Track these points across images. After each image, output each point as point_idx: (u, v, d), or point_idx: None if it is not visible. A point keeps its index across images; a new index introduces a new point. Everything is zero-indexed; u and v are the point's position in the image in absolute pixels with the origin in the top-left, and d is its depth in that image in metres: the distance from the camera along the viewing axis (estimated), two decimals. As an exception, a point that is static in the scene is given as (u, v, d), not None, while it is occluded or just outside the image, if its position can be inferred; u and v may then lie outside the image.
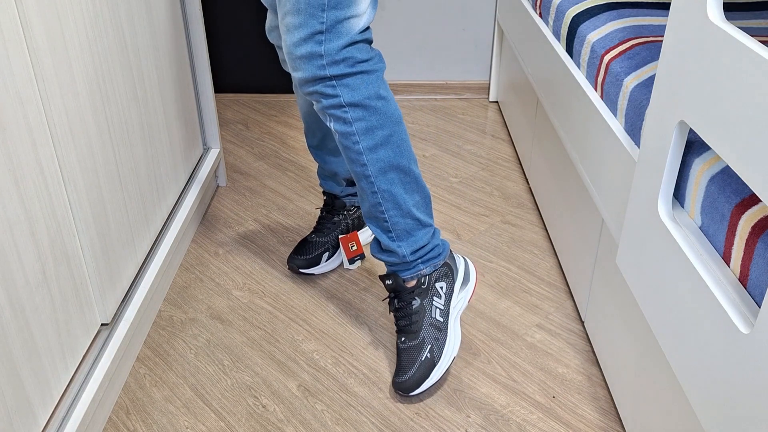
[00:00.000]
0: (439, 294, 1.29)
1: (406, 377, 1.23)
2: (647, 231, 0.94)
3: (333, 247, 1.58)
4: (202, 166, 1.78)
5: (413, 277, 1.27)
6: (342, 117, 1.13)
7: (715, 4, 0.77)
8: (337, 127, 1.14)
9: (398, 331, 1.28)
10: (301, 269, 1.55)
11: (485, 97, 2.56)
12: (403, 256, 1.25)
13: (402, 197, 1.21)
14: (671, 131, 0.86)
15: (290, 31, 1.09)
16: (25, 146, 0.96)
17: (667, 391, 0.98)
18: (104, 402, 1.19)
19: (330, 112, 1.13)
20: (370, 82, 1.13)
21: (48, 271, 1.03)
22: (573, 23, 1.47)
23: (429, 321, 1.27)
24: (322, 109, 1.14)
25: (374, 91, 1.14)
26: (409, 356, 1.24)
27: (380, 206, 1.21)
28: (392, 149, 1.17)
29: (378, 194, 1.20)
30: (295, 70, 1.11)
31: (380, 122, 1.15)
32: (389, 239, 1.24)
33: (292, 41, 1.09)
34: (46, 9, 1.00)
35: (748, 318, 0.72)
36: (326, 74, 1.10)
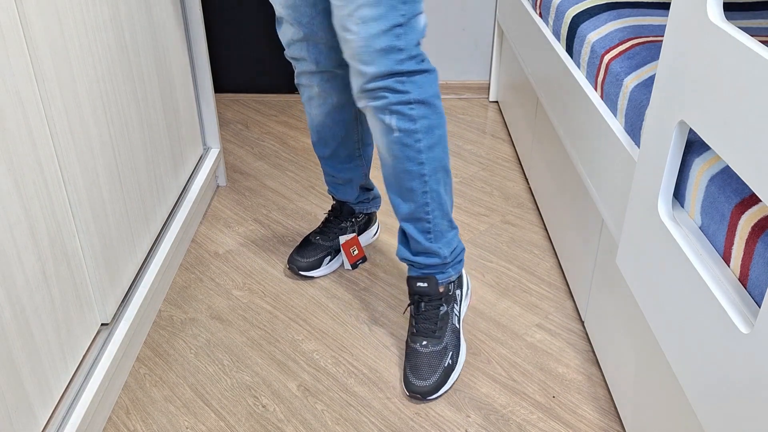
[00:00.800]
0: (457, 300, 1.31)
1: (427, 383, 1.22)
2: (647, 231, 0.94)
3: (335, 250, 1.58)
4: (202, 166, 1.78)
5: (443, 282, 1.28)
6: (408, 114, 1.11)
7: (715, 4, 0.77)
8: (401, 124, 1.12)
9: (417, 334, 1.27)
10: (301, 271, 1.54)
11: (485, 97, 2.56)
12: (444, 257, 1.25)
13: (444, 198, 1.21)
14: (671, 131, 0.86)
15: (366, 23, 1.05)
16: (25, 146, 0.96)
17: (667, 391, 0.98)
18: (104, 402, 1.19)
19: (396, 108, 1.11)
20: (433, 81, 1.13)
21: (48, 271, 1.03)
22: (573, 23, 1.47)
23: (451, 327, 1.28)
24: (387, 106, 1.11)
25: (436, 90, 1.14)
26: (431, 361, 1.24)
27: (427, 206, 1.20)
28: (443, 149, 1.18)
29: (428, 194, 1.19)
30: (368, 64, 1.08)
31: (439, 121, 1.15)
32: (428, 240, 1.23)
33: (369, 34, 1.05)
34: (46, 9, 1.00)
35: (748, 318, 0.72)
36: (402, 69, 1.08)
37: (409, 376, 1.24)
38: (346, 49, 1.10)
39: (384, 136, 1.15)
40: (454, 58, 2.51)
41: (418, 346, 1.26)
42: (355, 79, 1.12)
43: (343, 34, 1.09)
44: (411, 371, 1.24)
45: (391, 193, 1.22)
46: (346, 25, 1.07)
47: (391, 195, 1.22)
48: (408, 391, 1.24)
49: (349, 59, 1.10)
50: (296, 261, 1.54)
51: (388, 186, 1.22)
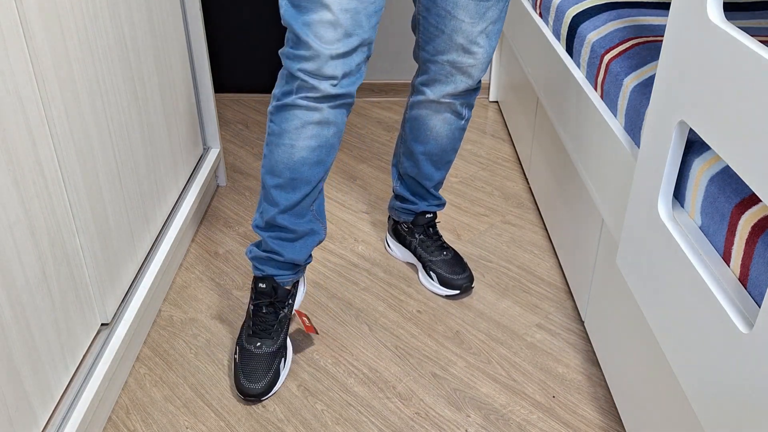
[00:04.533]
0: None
1: (468, 272, 1.53)
2: (647, 231, 0.94)
3: (283, 347, 1.29)
4: (202, 166, 1.78)
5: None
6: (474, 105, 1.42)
7: (715, 4, 0.77)
8: (469, 115, 1.42)
9: (443, 248, 1.55)
10: (262, 397, 1.24)
11: (485, 97, 2.56)
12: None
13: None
14: (671, 131, 0.86)
15: (492, 37, 1.27)
16: (25, 146, 0.96)
17: (667, 391, 0.98)
18: (104, 402, 1.19)
19: (473, 102, 1.39)
20: None
21: (48, 271, 1.03)
22: (573, 23, 1.47)
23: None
24: (470, 102, 1.38)
25: None
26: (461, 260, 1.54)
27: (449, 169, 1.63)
28: None
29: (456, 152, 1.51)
30: (482, 72, 1.32)
31: None
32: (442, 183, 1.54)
33: (492, 47, 1.28)
34: (46, 9, 1.00)
35: (748, 318, 0.72)
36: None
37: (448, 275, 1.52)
38: (466, 62, 1.28)
39: (449, 125, 1.40)
40: (454, 58, 2.51)
41: (444, 255, 1.54)
42: (450, 85, 1.32)
43: (469, 46, 1.25)
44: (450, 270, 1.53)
45: (430, 166, 1.46)
46: (476, 40, 1.25)
47: (429, 168, 1.46)
48: (458, 286, 1.51)
49: (462, 72, 1.30)
50: (251, 389, 1.22)
51: (429, 161, 1.45)
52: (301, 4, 1.05)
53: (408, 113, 1.43)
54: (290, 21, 1.07)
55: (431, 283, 1.53)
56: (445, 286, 1.50)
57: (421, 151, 1.44)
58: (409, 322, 1.44)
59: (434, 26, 1.25)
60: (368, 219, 1.79)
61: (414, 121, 1.42)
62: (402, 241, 1.60)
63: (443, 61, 1.29)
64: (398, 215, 1.57)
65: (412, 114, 1.42)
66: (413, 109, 1.41)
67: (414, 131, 1.43)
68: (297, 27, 1.06)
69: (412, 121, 1.42)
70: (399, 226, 1.59)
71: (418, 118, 1.40)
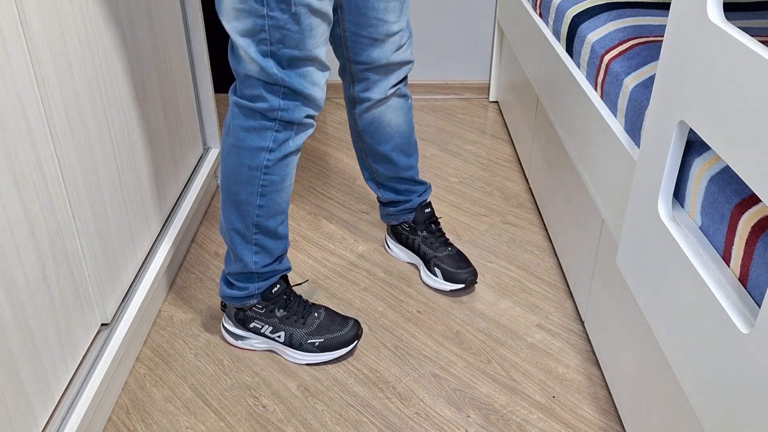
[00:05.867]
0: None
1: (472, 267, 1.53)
2: (647, 231, 0.94)
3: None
4: (202, 166, 1.78)
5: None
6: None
7: (715, 4, 0.77)
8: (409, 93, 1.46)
9: (447, 243, 1.55)
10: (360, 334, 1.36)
11: (485, 97, 2.56)
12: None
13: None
14: (671, 131, 0.86)
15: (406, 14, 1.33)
16: (25, 146, 0.96)
17: (667, 391, 0.98)
18: (104, 402, 1.19)
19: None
20: None
21: (48, 271, 1.03)
22: (573, 23, 1.47)
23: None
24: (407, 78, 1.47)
25: None
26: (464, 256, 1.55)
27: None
28: None
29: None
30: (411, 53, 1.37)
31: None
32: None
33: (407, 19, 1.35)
34: (45, 9, 1.00)
35: (748, 318, 0.72)
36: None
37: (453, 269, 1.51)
38: (402, 55, 1.33)
39: (401, 110, 1.42)
40: (454, 58, 2.51)
41: (450, 249, 1.54)
42: (392, 77, 1.35)
43: (400, 40, 1.31)
44: (455, 265, 1.51)
45: (403, 157, 1.47)
46: (403, 31, 1.31)
47: (403, 159, 1.47)
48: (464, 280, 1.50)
49: (400, 63, 1.35)
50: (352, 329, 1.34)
51: (401, 152, 1.46)
52: (292, 63, 1.08)
53: (359, 124, 1.42)
54: (285, 79, 1.09)
55: (434, 279, 1.52)
56: (449, 281, 1.50)
57: (389, 149, 1.45)
58: (409, 322, 1.44)
59: (366, 36, 1.27)
60: (368, 219, 1.79)
61: (369, 127, 1.42)
62: (403, 241, 1.59)
63: (382, 64, 1.32)
64: (397, 218, 1.57)
65: (363, 123, 1.41)
66: (363, 119, 1.41)
67: (374, 135, 1.43)
68: (294, 83, 1.09)
69: (367, 129, 1.42)
70: (399, 226, 1.59)
71: (372, 122, 1.41)
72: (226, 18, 1.06)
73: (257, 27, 1.04)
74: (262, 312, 1.30)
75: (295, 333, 1.31)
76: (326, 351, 1.31)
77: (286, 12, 1.03)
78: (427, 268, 1.54)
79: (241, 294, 1.28)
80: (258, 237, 1.23)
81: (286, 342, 1.31)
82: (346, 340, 1.32)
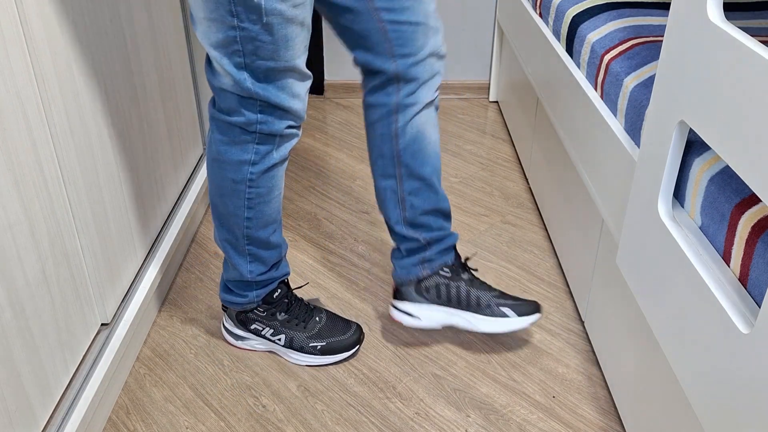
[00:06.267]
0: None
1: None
2: (647, 231, 0.94)
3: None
4: (202, 166, 1.78)
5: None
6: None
7: (715, 4, 0.77)
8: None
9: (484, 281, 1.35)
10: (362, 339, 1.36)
11: (485, 97, 2.56)
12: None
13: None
14: (671, 131, 0.86)
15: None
16: (25, 146, 0.96)
17: (667, 391, 0.98)
18: (104, 402, 1.19)
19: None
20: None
21: (48, 271, 1.03)
22: (573, 23, 1.47)
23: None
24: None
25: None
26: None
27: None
28: None
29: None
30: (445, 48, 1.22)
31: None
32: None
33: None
34: (45, 9, 1.00)
35: (748, 318, 0.72)
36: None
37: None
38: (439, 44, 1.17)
39: (435, 124, 1.24)
40: (454, 58, 2.51)
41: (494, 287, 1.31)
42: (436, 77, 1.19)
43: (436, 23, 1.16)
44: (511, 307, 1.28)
45: (439, 182, 1.26)
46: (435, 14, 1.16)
47: (439, 184, 1.27)
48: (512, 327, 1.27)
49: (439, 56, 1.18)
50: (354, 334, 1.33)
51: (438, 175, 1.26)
52: (268, 76, 1.03)
53: (400, 142, 1.20)
54: (260, 92, 1.03)
55: (502, 322, 1.26)
56: (525, 315, 1.27)
57: (430, 173, 1.23)
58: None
59: (407, 23, 1.11)
60: (368, 219, 1.79)
61: (413, 144, 1.21)
62: (441, 294, 1.28)
63: (426, 54, 1.15)
64: (434, 264, 1.27)
65: (407, 139, 1.20)
66: (407, 133, 1.20)
67: (416, 156, 1.22)
68: (271, 96, 1.04)
69: (410, 147, 1.21)
70: (435, 275, 1.28)
71: (416, 137, 1.20)
72: (198, 28, 1.00)
73: (229, 38, 0.98)
74: (263, 315, 1.30)
75: (296, 336, 1.31)
76: (327, 354, 1.31)
77: (257, 23, 0.96)
78: (484, 314, 1.27)
79: (241, 300, 1.28)
80: (250, 248, 1.21)
81: (286, 345, 1.31)
82: (348, 344, 1.32)
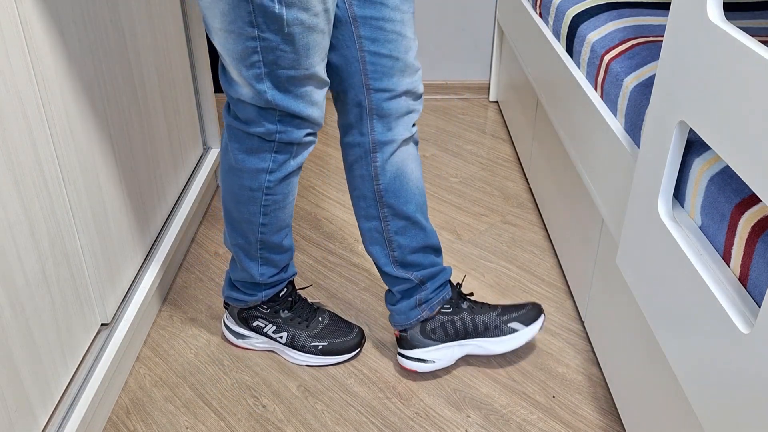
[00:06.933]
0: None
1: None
2: (647, 231, 0.94)
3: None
4: (202, 166, 1.78)
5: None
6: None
7: (715, 4, 0.77)
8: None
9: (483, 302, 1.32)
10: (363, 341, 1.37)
11: (485, 97, 2.56)
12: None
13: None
14: (671, 131, 0.86)
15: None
16: (25, 146, 0.96)
17: (667, 391, 0.98)
18: (104, 402, 1.19)
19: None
20: None
21: (48, 271, 1.03)
22: (573, 23, 1.47)
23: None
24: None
25: None
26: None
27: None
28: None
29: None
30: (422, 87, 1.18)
31: None
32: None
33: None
34: (45, 9, 1.00)
35: (748, 318, 0.72)
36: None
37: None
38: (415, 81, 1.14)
39: (417, 159, 1.21)
40: (454, 58, 2.51)
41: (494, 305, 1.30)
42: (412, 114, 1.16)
43: (414, 62, 1.13)
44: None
45: (424, 218, 1.23)
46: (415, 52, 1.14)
47: (426, 221, 1.23)
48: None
49: (415, 95, 1.15)
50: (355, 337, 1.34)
51: (423, 212, 1.23)
52: (288, 85, 1.01)
53: (381, 182, 1.17)
54: (280, 103, 1.02)
55: (510, 338, 1.27)
56: (531, 322, 1.29)
57: (413, 210, 1.20)
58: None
59: (387, 56, 1.08)
60: (368, 219, 1.79)
61: (394, 183, 1.17)
62: (448, 331, 1.27)
63: (402, 90, 1.12)
64: (434, 303, 1.26)
65: (387, 178, 1.17)
66: (386, 172, 1.16)
67: (398, 194, 1.18)
68: (290, 106, 1.03)
69: (391, 186, 1.18)
70: (438, 314, 1.27)
71: (397, 175, 1.17)
72: (215, 38, 0.99)
73: (248, 49, 0.96)
74: (266, 312, 1.30)
75: (297, 335, 1.31)
76: (328, 355, 1.31)
77: (278, 33, 0.94)
78: (493, 336, 1.27)
79: (247, 298, 1.29)
80: (263, 252, 1.22)
81: (287, 343, 1.31)
82: (349, 346, 1.32)
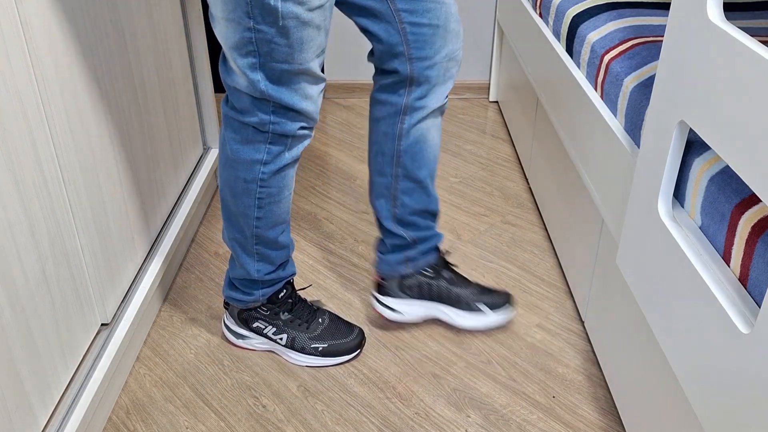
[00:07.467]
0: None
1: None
2: (647, 231, 0.94)
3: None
4: (202, 166, 1.78)
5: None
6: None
7: (715, 4, 0.77)
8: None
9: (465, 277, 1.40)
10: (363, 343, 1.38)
11: (485, 97, 2.56)
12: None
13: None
14: (671, 131, 0.86)
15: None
16: (25, 146, 0.96)
17: (667, 391, 0.98)
18: (104, 402, 1.19)
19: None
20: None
21: (48, 271, 1.03)
22: (573, 23, 1.47)
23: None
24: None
25: None
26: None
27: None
28: None
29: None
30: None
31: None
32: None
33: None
34: (45, 9, 1.00)
35: (748, 318, 0.72)
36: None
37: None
38: (457, 47, 1.18)
39: (438, 128, 1.26)
40: (454, 58, 2.51)
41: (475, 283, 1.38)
42: (450, 81, 1.20)
43: (457, 26, 1.16)
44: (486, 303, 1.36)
45: (432, 184, 1.29)
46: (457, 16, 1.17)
47: (433, 186, 1.30)
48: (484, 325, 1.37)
49: (456, 59, 1.19)
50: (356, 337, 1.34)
51: (433, 178, 1.29)
52: (282, 78, 1.03)
53: (402, 143, 1.22)
54: (273, 94, 1.04)
55: (477, 317, 1.35)
56: (496, 308, 1.36)
57: (425, 175, 1.26)
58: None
59: (427, 25, 1.12)
60: (368, 219, 1.79)
61: (414, 147, 1.22)
62: (423, 291, 1.35)
63: (442, 58, 1.15)
64: (418, 263, 1.34)
65: (409, 141, 1.22)
66: (410, 135, 1.21)
67: (415, 158, 1.24)
68: (283, 98, 1.04)
69: (410, 149, 1.22)
70: (418, 274, 1.35)
71: (418, 140, 1.22)
72: (217, 27, 1.01)
73: (245, 39, 0.98)
74: (266, 314, 1.30)
75: (298, 337, 1.30)
76: (328, 356, 1.31)
77: (273, 26, 0.96)
78: (460, 309, 1.36)
79: (245, 298, 1.28)
80: (258, 247, 1.22)
81: (287, 345, 1.31)
82: (349, 348, 1.32)
